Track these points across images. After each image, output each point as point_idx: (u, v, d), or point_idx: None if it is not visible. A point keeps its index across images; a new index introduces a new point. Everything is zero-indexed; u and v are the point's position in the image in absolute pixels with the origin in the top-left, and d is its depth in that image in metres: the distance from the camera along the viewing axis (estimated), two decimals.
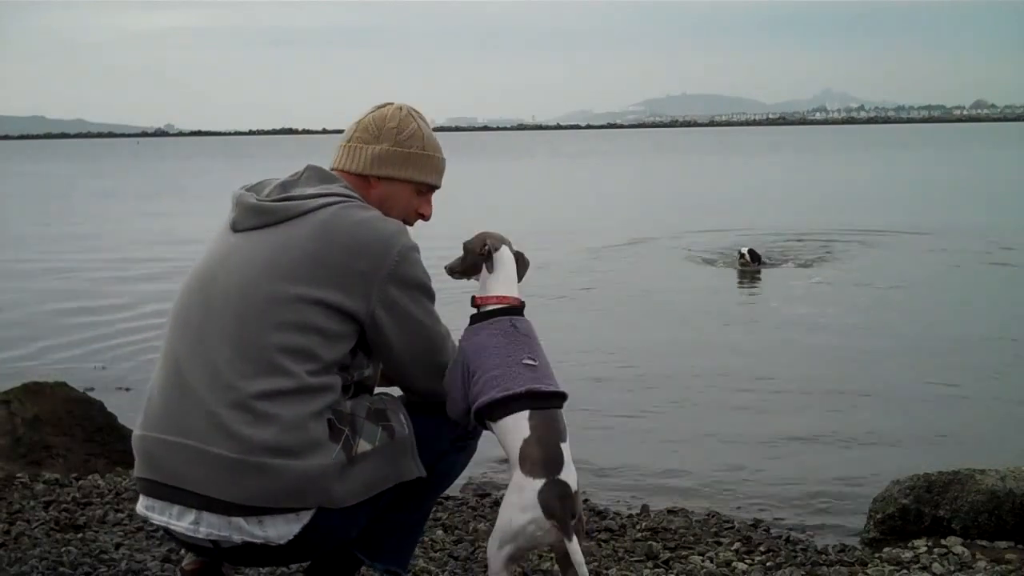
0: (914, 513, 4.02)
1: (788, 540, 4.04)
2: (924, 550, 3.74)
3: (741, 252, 12.21)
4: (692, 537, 4.04)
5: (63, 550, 3.46)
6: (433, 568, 3.44)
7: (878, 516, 4.09)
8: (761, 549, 3.88)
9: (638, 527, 4.16)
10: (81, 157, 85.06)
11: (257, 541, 2.36)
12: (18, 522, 3.86)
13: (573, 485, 2.36)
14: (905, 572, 3.51)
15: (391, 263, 2.41)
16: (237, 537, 2.35)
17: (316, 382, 2.36)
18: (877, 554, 3.77)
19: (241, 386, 2.32)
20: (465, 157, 62.18)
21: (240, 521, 2.33)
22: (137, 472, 2.47)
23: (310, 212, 2.43)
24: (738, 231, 15.98)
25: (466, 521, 4.09)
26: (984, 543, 3.82)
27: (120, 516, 3.97)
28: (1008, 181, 29.63)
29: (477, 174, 41.01)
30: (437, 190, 2.69)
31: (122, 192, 32.78)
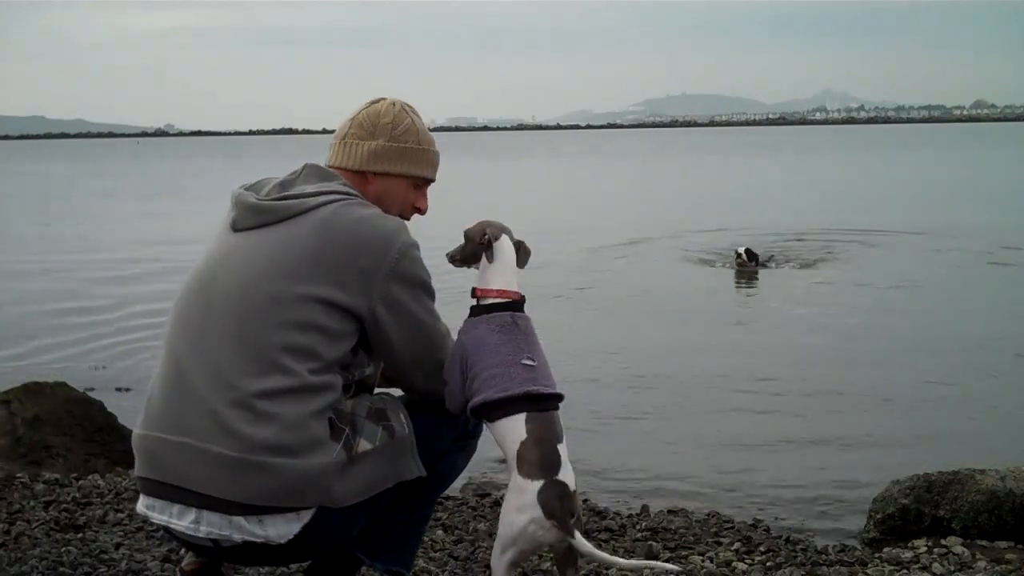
0: (914, 513, 4.02)
1: (788, 540, 4.03)
2: (924, 550, 3.74)
3: (738, 252, 12.22)
4: (692, 537, 4.04)
5: (63, 550, 3.46)
6: (433, 568, 3.44)
7: (878, 516, 4.09)
8: (761, 549, 3.88)
9: (638, 527, 4.16)
10: (81, 157, 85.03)
11: (257, 540, 2.36)
12: (18, 522, 3.86)
13: (571, 485, 2.37)
14: (905, 572, 3.51)
15: (392, 260, 2.41)
16: (237, 536, 2.35)
17: (318, 381, 2.36)
18: (877, 554, 3.77)
19: (242, 385, 2.32)
20: (465, 157, 62.15)
21: (240, 520, 2.33)
22: (137, 471, 2.46)
23: (310, 210, 2.42)
24: (738, 231, 15.97)
25: (466, 521, 4.09)
26: (984, 543, 3.82)
27: (120, 516, 3.97)
28: (1008, 181, 29.61)
29: (477, 174, 40.99)
30: (432, 183, 2.70)
31: (122, 192, 32.76)
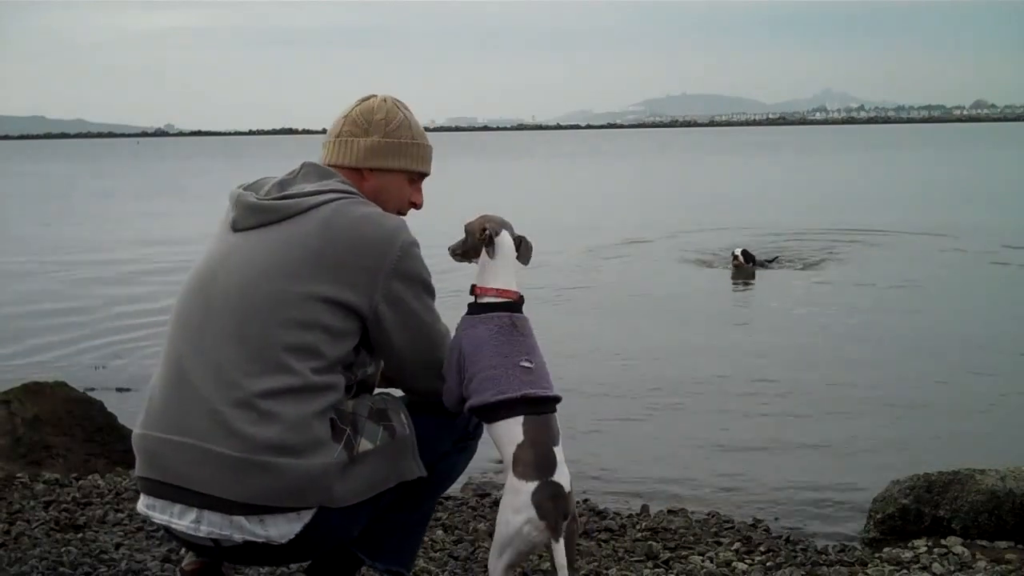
0: (914, 513, 4.02)
1: (788, 540, 4.03)
2: (924, 550, 3.74)
3: (734, 254, 12.19)
4: (692, 537, 4.04)
5: (63, 550, 3.46)
6: (433, 568, 3.44)
7: (878, 516, 4.09)
8: (761, 549, 3.88)
9: (638, 527, 4.16)
10: (81, 157, 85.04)
11: (258, 540, 2.36)
12: (18, 522, 3.86)
13: (566, 486, 2.37)
14: (905, 572, 3.52)
15: (394, 258, 2.42)
16: (238, 536, 2.35)
17: (320, 381, 2.36)
18: (877, 554, 3.77)
19: (245, 384, 2.32)
20: (465, 157, 62.15)
21: (241, 520, 2.33)
22: (138, 471, 2.46)
23: (311, 209, 2.43)
24: (737, 231, 15.97)
25: (466, 521, 4.09)
26: (984, 543, 3.83)
27: (120, 516, 3.97)
28: (1008, 181, 29.62)
29: (477, 174, 41.00)
30: (427, 177, 2.70)
31: (122, 192, 32.77)
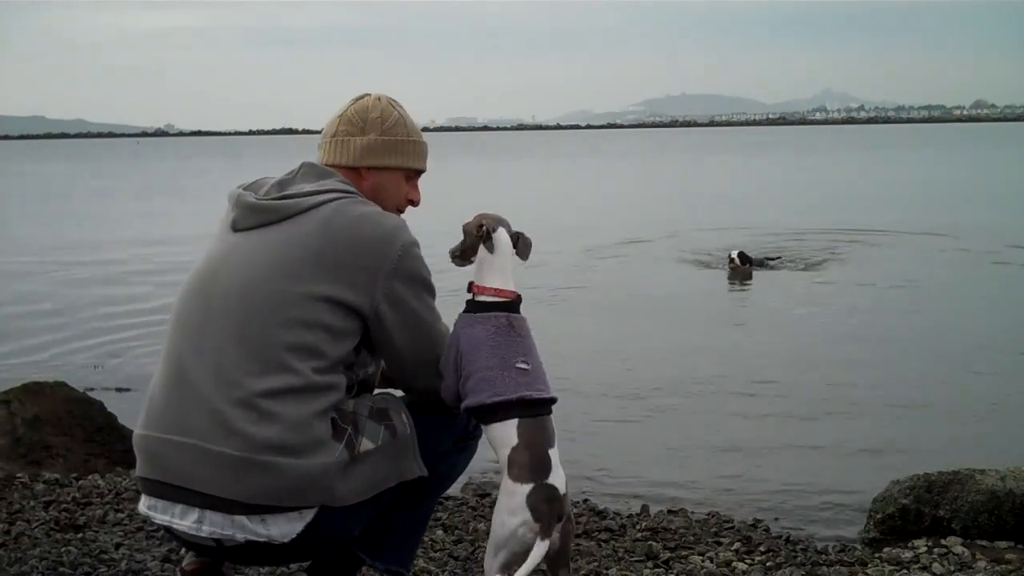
0: (914, 513, 4.02)
1: (788, 540, 4.04)
2: (924, 550, 3.74)
3: (731, 256, 12.15)
4: (692, 537, 4.04)
5: (63, 550, 3.46)
6: (433, 568, 3.44)
7: (878, 516, 4.09)
8: (761, 549, 3.89)
9: (638, 527, 4.16)
10: (81, 157, 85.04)
11: (260, 540, 2.36)
12: (18, 522, 3.86)
13: (561, 488, 2.38)
14: (905, 572, 3.52)
15: (395, 258, 2.42)
16: (240, 536, 2.35)
17: (322, 380, 2.36)
18: (877, 554, 3.77)
19: (247, 384, 2.32)
20: (465, 157, 62.18)
21: (243, 520, 2.33)
22: (139, 472, 2.46)
23: (311, 209, 2.43)
24: (737, 231, 15.98)
25: (466, 521, 4.09)
26: (984, 543, 3.83)
27: (120, 516, 3.97)
28: (1008, 181, 29.63)
29: (477, 174, 41.02)
30: (423, 174, 2.70)
31: (122, 192, 32.79)
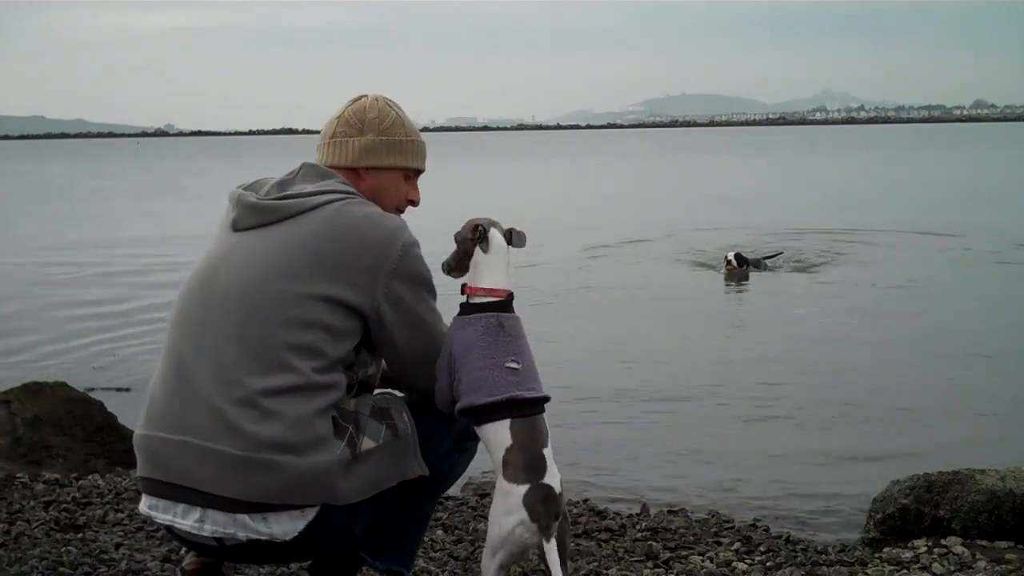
0: (914, 513, 4.02)
1: (788, 540, 4.04)
2: (924, 550, 3.74)
3: (727, 257, 12.11)
4: (692, 537, 4.04)
5: (63, 550, 3.46)
6: (433, 568, 3.44)
7: (878, 516, 4.09)
8: (761, 549, 3.89)
9: (638, 527, 4.16)
10: (81, 157, 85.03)
11: (262, 538, 2.36)
12: (18, 522, 3.85)
13: (556, 487, 2.37)
14: (905, 572, 3.52)
15: (395, 258, 2.42)
16: (242, 534, 2.35)
17: (322, 380, 2.37)
18: (877, 554, 3.77)
19: (247, 383, 2.32)
20: (465, 157, 62.20)
21: (245, 518, 2.33)
22: (140, 472, 2.46)
23: (312, 209, 2.43)
24: (737, 231, 15.97)
25: (466, 521, 4.09)
26: (984, 543, 3.82)
27: (120, 516, 3.97)
28: (1009, 181, 29.64)
29: (477, 174, 41.02)
30: (422, 174, 2.71)
31: (122, 192, 32.79)
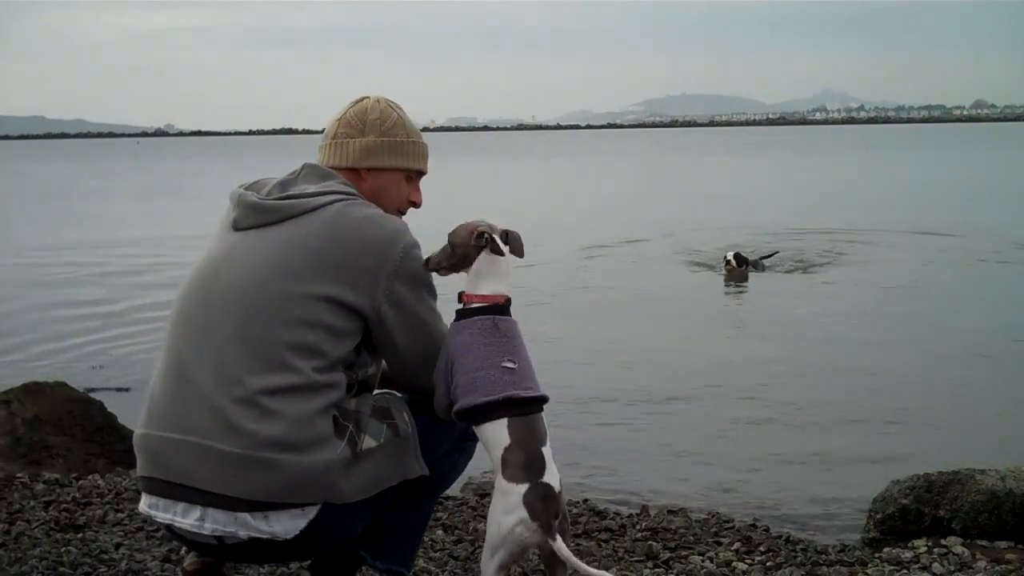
0: (914, 513, 4.02)
1: (788, 540, 4.04)
2: (924, 550, 3.74)
3: (727, 258, 12.10)
4: (692, 537, 4.04)
5: (63, 550, 3.46)
6: (433, 568, 3.44)
7: (878, 516, 4.09)
8: (761, 549, 3.89)
9: (638, 527, 4.16)
10: (81, 157, 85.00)
11: (263, 537, 2.36)
12: (18, 522, 3.85)
13: (556, 486, 2.37)
14: (905, 572, 3.52)
15: (396, 259, 2.43)
16: (243, 533, 2.35)
17: (322, 379, 2.37)
18: (877, 554, 3.77)
19: (248, 381, 2.32)
20: (465, 157, 62.19)
21: (246, 517, 2.34)
22: (140, 471, 2.47)
23: (314, 210, 2.44)
24: (737, 231, 15.96)
25: (466, 521, 4.09)
26: (984, 543, 3.82)
27: (120, 516, 3.97)
28: (1009, 181, 29.63)
29: (477, 174, 41.03)
30: (424, 175, 2.70)
31: (122, 192, 32.78)
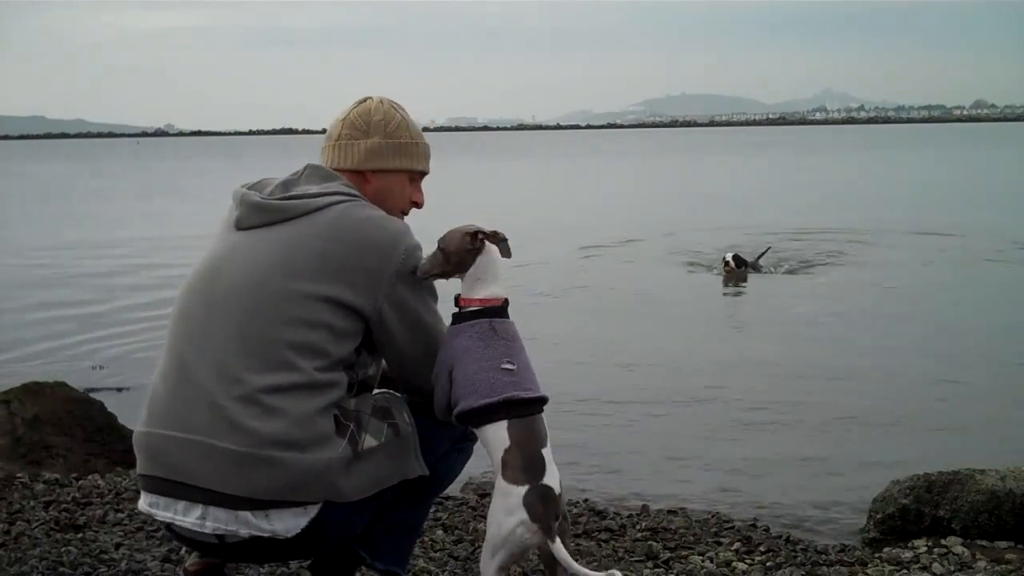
0: (914, 513, 4.02)
1: (788, 540, 4.03)
2: (924, 550, 3.74)
3: (725, 259, 12.08)
4: (692, 537, 4.04)
5: (63, 550, 3.46)
6: (433, 568, 3.44)
7: (878, 516, 4.09)
8: (761, 549, 3.89)
9: (638, 527, 4.16)
10: (81, 157, 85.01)
11: (265, 535, 2.36)
12: (18, 522, 3.86)
13: (556, 488, 2.37)
14: (905, 572, 3.52)
15: (399, 261, 2.44)
16: (244, 531, 2.36)
17: (324, 378, 2.37)
18: (877, 554, 3.77)
19: (249, 380, 2.33)
20: (465, 157, 62.20)
21: (247, 515, 2.34)
22: (140, 469, 2.46)
23: (317, 210, 2.45)
24: (737, 231, 15.96)
25: (466, 521, 4.09)
26: (984, 543, 3.83)
27: (120, 516, 3.97)
28: (1009, 181, 29.63)
29: (477, 174, 41.03)
30: (426, 176, 2.71)
31: (122, 192, 32.79)
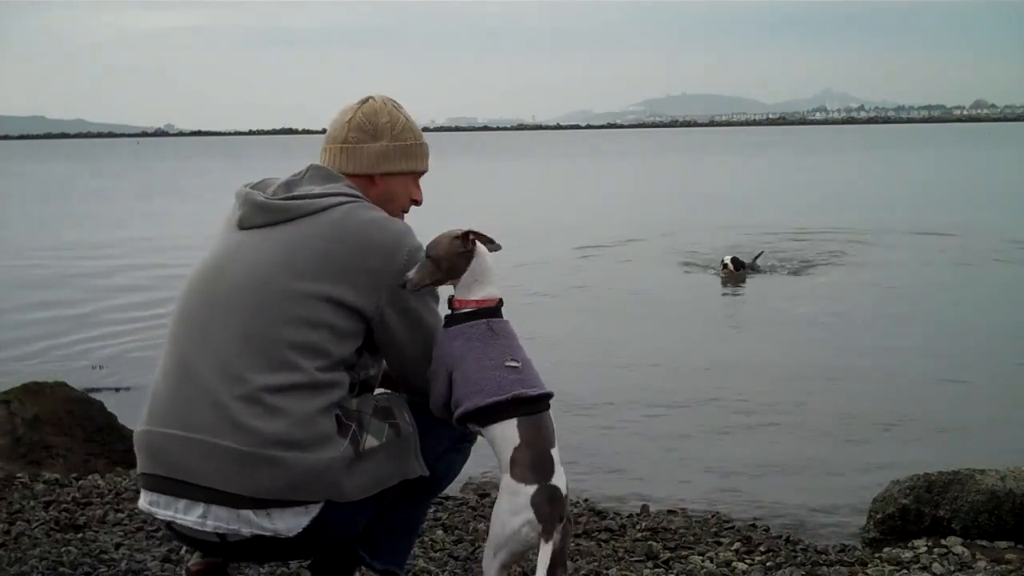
0: (914, 513, 4.02)
1: (788, 540, 4.04)
2: (924, 550, 3.74)
3: (724, 261, 12.03)
4: (692, 537, 4.04)
5: (63, 550, 3.46)
6: (433, 568, 3.44)
7: (878, 516, 4.10)
8: (761, 549, 3.89)
9: (638, 527, 4.16)
10: (81, 157, 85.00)
11: (266, 534, 2.36)
12: (18, 522, 3.86)
13: (563, 489, 2.37)
14: (905, 572, 3.52)
15: (401, 262, 2.44)
16: (246, 530, 2.36)
17: (325, 378, 2.38)
18: (877, 554, 3.77)
19: (251, 379, 2.33)
20: (465, 157, 62.21)
21: (249, 514, 2.34)
22: (141, 468, 2.46)
23: (320, 211, 2.45)
24: (737, 231, 15.97)
25: (466, 521, 4.09)
26: (984, 543, 3.83)
27: (120, 516, 3.97)
28: (1009, 181, 29.63)
29: (477, 174, 41.04)
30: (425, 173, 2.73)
31: (122, 192, 32.78)
